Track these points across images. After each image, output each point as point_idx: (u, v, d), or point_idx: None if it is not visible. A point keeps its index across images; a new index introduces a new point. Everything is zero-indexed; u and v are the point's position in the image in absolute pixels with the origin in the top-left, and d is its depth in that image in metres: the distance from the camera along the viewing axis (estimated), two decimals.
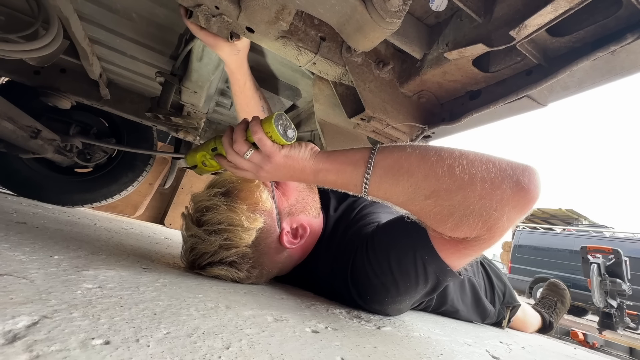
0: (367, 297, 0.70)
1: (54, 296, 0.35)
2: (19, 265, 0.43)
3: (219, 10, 0.69)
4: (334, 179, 0.60)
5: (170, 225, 2.65)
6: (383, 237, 0.69)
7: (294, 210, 0.77)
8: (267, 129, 0.57)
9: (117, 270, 0.54)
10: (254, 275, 0.71)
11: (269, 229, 0.70)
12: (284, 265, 0.78)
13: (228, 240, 0.65)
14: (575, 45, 0.59)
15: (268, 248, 0.71)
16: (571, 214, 10.08)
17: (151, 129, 1.99)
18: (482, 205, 0.50)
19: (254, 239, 0.67)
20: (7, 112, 1.13)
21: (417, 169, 0.53)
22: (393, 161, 0.56)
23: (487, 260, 1.31)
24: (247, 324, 0.42)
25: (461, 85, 0.80)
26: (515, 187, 0.50)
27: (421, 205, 0.54)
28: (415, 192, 0.54)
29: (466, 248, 0.55)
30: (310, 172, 0.60)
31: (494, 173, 0.50)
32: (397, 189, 0.55)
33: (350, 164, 0.58)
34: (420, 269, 0.61)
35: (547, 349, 0.97)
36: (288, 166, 0.60)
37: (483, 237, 0.53)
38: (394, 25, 0.57)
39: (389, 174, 0.55)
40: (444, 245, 0.58)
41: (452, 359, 0.51)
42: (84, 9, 1.03)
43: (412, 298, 0.68)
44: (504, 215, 0.50)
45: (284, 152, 0.59)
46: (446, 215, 0.53)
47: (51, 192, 1.81)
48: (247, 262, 0.68)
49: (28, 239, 0.64)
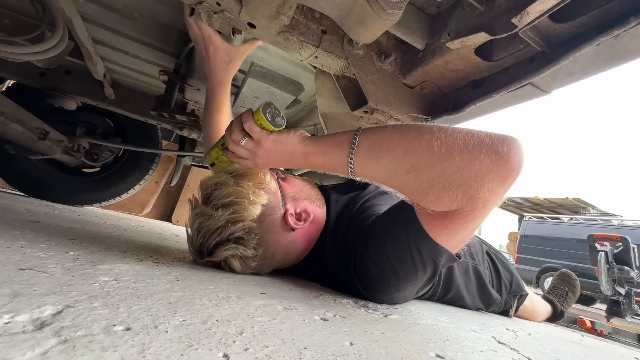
0: (371, 288, 0.71)
1: (74, 288, 0.36)
2: (38, 261, 0.45)
3: (221, 6, 0.69)
4: (322, 161, 0.64)
5: (177, 223, 2.69)
6: (379, 227, 0.71)
7: (297, 197, 0.80)
8: (257, 117, 0.64)
9: (131, 265, 0.56)
10: (259, 255, 0.71)
11: (273, 206, 0.73)
12: (288, 252, 0.78)
13: (235, 214, 0.67)
14: (579, 30, 0.59)
15: (273, 225, 0.73)
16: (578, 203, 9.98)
17: (156, 128, 2.01)
18: (461, 176, 0.51)
19: (260, 214, 0.70)
20: (15, 114, 1.15)
21: (397, 146, 0.56)
22: (375, 140, 0.59)
23: (494, 250, 1.32)
24: (258, 312, 0.43)
25: (464, 75, 0.80)
26: (494, 156, 0.51)
27: (403, 180, 0.57)
28: (397, 167, 0.56)
29: (452, 222, 0.57)
30: (299, 155, 0.65)
31: (472, 144, 0.52)
32: (379, 165, 0.58)
33: (337, 146, 0.62)
34: (416, 254, 0.62)
35: (553, 335, 0.97)
36: (278, 150, 0.65)
37: (465, 209, 0.54)
38: (395, 16, 0.57)
39: (371, 152, 0.58)
40: (432, 222, 0.59)
41: (459, 343, 0.52)
42: (86, 9, 1.04)
43: (414, 285, 0.70)
44: (484, 186, 0.51)
45: (272, 137, 0.65)
46: (427, 188, 0.55)
47: (60, 192, 1.84)
48: (253, 238, 0.69)
49: (43, 236, 0.66)
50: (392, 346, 0.41)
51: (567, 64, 0.57)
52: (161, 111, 1.24)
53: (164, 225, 2.08)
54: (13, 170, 1.74)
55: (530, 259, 8.27)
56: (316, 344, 0.36)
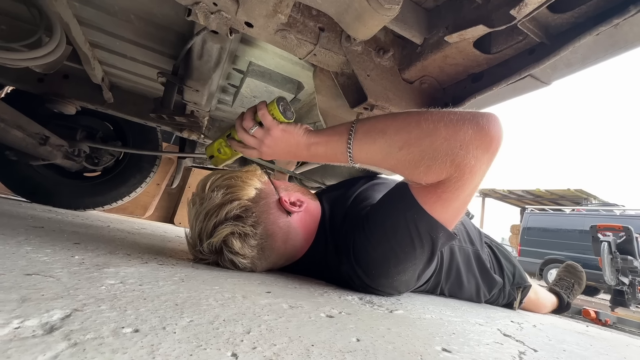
0: (372, 272, 0.72)
1: (81, 292, 0.36)
2: (44, 266, 0.45)
3: (217, 6, 0.69)
4: (324, 151, 0.69)
5: (180, 224, 2.69)
6: (376, 211, 0.74)
7: (289, 189, 0.84)
8: (270, 108, 0.69)
9: (136, 267, 0.56)
10: (259, 234, 0.72)
11: (267, 192, 0.78)
12: (288, 236, 0.77)
13: (230, 193, 0.72)
14: (578, 20, 0.59)
15: (268, 207, 0.75)
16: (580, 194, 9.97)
17: (155, 130, 2.01)
18: (448, 145, 0.57)
19: (254, 196, 0.74)
20: (15, 120, 1.16)
21: (389, 127, 0.63)
22: (370, 125, 0.65)
23: (495, 243, 1.32)
24: (264, 311, 0.44)
25: (463, 69, 0.80)
26: (476, 127, 0.57)
27: (397, 156, 0.62)
28: (390, 146, 0.62)
29: (444, 192, 0.61)
30: (303, 146, 0.70)
31: (455, 119, 0.58)
32: (374, 147, 0.64)
33: (336, 135, 0.67)
34: (414, 230, 0.64)
35: (558, 326, 0.98)
36: (285, 140, 0.70)
37: (455, 176, 0.59)
38: (392, 11, 0.56)
39: (366, 136, 0.64)
40: (425, 195, 0.63)
41: (465, 337, 0.53)
42: (82, 13, 1.04)
43: (414, 265, 0.70)
44: (469, 153, 0.57)
45: (282, 126, 0.70)
46: (418, 160, 0.60)
47: (63, 197, 1.85)
48: (250, 215, 0.72)
49: (48, 241, 0.66)
50: (399, 341, 0.42)
51: (566, 54, 0.57)
52: (160, 113, 1.24)
53: (167, 227, 2.09)
54: (15, 177, 1.75)
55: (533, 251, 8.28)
56: (323, 341, 0.36)
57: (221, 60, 1.06)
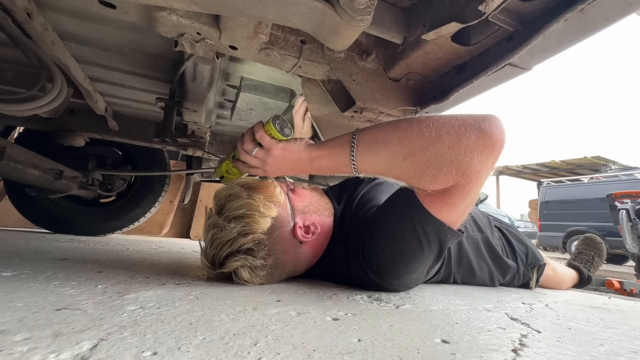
0: (383, 274, 0.75)
1: (105, 321, 0.41)
2: (71, 299, 0.50)
3: (201, 35, 0.72)
4: (327, 163, 0.69)
5: (196, 238, 2.77)
6: (382, 215, 0.75)
7: (307, 210, 0.83)
8: (267, 128, 0.71)
9: (154, 290, 0.60)
10: (269, 265, 0.74)
11: (282, 219, 0.76)
12: (297, 262, 0.81)
13: (246, 227, 0.71)
14: (550, 5, 0.59)
15: (282, 237, 0.76)
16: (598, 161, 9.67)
17: (162, 151, 2.08)
18: (452, 153, 0.58)
19: (269, 227, 0.73)
20: (30, 160, 1.23)
21: (392, 137, 0.63)
22: (371, 136, 0.65)
23: (505, 225, 1.32)
24: (272, 321, 0.47)
25: (446, 62, 0.81)
26: (478, 132, 0.57)
27: (401, 167, 0.62)
28: (394, 157, 0.62)
29: (451, 198, 0.62)
30: (306, 160, 0.70)
31: (457, 125, 0.58)
32: (378, 158, 0.64)
33: (338, 147, 0.67)
34: (421, 233, 0.66)
35: (573, 303, 0.98)
36: (286, 157, 0.71)
37: (461, 183, 0.60)
38: (365, 21, 0.59)
39: (369, 148, 0.64)
40: (432, 201, 0.64)
41: (467, 325, 0.55)
42: (79, 52, 1.10)
43: (423, 265, 0.73)
44: (474, 159, 0.58)
45: (281, 145, 0.71)
46: (423, 170, 0.60)
47: (82, 225, 1.94)
48: (263, 249, 0.72)
49: (73, 273, 0.71)
50: (399, 337, 0.44)
51: (540, 41, 0.58)
52: (163, 137, 1.29)
53: (183, 243, 2.16)
54: (36, 211, 1.84)
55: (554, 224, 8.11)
56: (325, 345, 0.39)
57: (214, 79, 1.09)
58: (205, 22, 0.69)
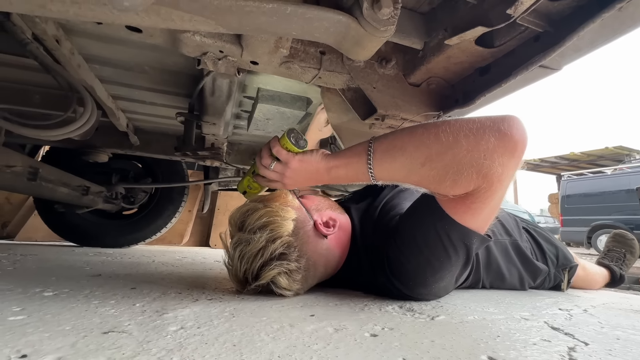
0: (410, 284, 0.74)
1: (152, 344, 0.41)
2: (114, 320, 0.51)
3: (223, 53, 0.73)
4: (345, 173, 0.69)
5: (215, 246, 2.81)
6: (405, 224, 0.75)
7: (319, 208, 0.85)
8: (283, 142, 0.71)
9: (190, 307, 0.61)
10: (303, 267, 0.74)
11: (302, 220, 0.78)
12: (327, 261, 0.81)
13: (272, 232, 0.71)
14: (581, 3, 0.57)
15: (307, 236, 0.76)
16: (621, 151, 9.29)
17: (180, 162, 2.12)
18: (471, 157, 0.57)
19: (293, 228, 0.74)
20: (60, 178, 1.28)
21: (408, 144, 0.62)
22: (387, 143, 0.65)
23: (533, 226, 1.28)
24: (312, 339, 0.47)
25: (469, 65, 0.80)
26: (498, 134, 0.56)
27: (420, 173, 0.62)
28: (412, 163, 0.62)
29: (473, 202, 0.61)
30: (323, 171, 0.71)
31: (475, 128, 0.57)
32: (396, 165, 0.63)
33: (355, 156, 0.68)
34: (446, 240, 0.65)
35: (612, 307, 0.94)
36: (304, 169, 0.72)
37: (483, 187, 0.59)
38: (389, 32, 0.58)
39: (386, 155, 0.64)
40: (454, 207, 0.63)
41: (510, 338, 0.53)
42: (103, 73, 1.13)
43: (450, 272, 0.71)
44: (495, 162, 0.56)
45: (298, 157, 0.71)
46: (443, 175, 0.59)
47: (108, 237, 2.00)
48: (294, 251, 0.73)
49: (109, 290, 0.73)
50: (444, 355, 0.43)
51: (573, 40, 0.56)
52: (184, 151, 1.31)
53: (205, 252, 2.19)
54: (65, 226, 1.91)
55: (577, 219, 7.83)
56: None
57: (232, 92, 1.11)
58: (228, 40, 0.70)
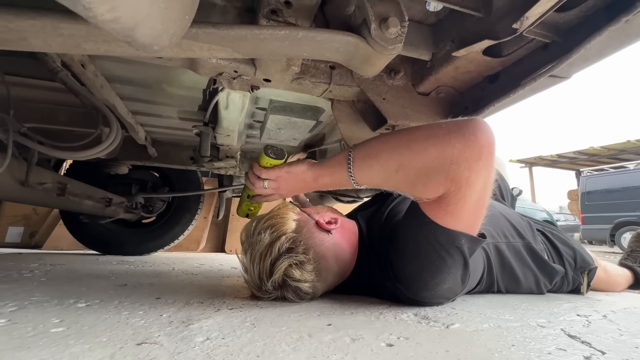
0: (413, 288, 0.76)
1: (182, 356, 0.44)
2: (144, 331, 0.55)
3: (238, 72, 0.77)
4: (330, 180, 0.76)
5: (231, 252, 2.87)
6: (399, 230, 0.78)
7: (320, 211, 0.89)
8: (265, 162, 0.81)
9: (213, 317, 0.64)
10: (312, 258, 0.77)
11: (304, 220, 0.83)
12: (337, 252, 0.83)
13: (275, 231, 0.77)
14: (588, 13, 0.58)
15: (311, 232, 0.81)
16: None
17: (195, 171, 2.19)
18: (439, 162, 0.61)
19: (296, 226, 0.80)
20: (85, 192, 1.34)
21: (382, 152, 0.67)
22: (364, 152, 0.70)
23: (549, 229, 1.27)
24: (330, 349, 0.49)
25: (477, 74, 0.81)
26: (462, 139, 0.60)
27: (395, 179, 0.67)
28: (387, 170, 0.67)
29: (448, 205, 0.63)
30: (310, 179, 0.78)
31: (442, 135, 0.61)
32: (373, 172, 0.69)
33: (337, 165, 0.73)
34: (436, 244, 0.67)
35: (633, 312, 0.92)
36: (293, 178, 0.79)
37: (452, 190, 0.62)
38: (396, 49, 0.60)
39: (364, 163, 0.69)
40: (433, 210, 0.66)
41: (525, 348, 0.54)
42: (123, 91, 1.20)
43: (451, 274, 0.72)
44: (461, 166, 0.60)
45: (285, 169, 0.80)
46: (415, 180, 0.65)
47: (129, 246, 2.08)
48: (300, 244, 0.77)
49: (136, 301, 0.77)
50: None
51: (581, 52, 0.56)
52: (201, 162, 1.36)
53: (221, 259, 2.24)
54: (89, 235, 2.00)
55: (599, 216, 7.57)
56: None
57: (245, 104, 1.15)
58: (242, 61, 0.74)
